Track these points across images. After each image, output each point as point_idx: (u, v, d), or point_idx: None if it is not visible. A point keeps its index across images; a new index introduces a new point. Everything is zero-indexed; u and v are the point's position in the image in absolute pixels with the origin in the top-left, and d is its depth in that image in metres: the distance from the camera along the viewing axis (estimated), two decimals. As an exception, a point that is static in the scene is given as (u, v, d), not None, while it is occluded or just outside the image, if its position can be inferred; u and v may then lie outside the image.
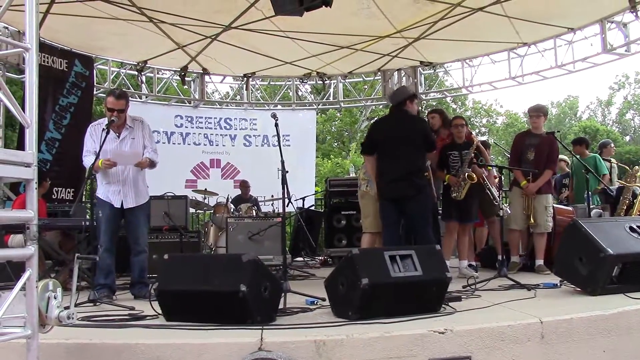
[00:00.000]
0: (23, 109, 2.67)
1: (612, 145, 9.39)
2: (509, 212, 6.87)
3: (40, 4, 7.36)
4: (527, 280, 5.47)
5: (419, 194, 5.84)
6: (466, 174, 6.51)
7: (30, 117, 2.67)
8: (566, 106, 45.20)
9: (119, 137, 5.46)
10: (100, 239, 5.30)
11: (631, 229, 4.76)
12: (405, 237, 6.16)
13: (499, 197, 6.79)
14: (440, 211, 7.11)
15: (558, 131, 7.28)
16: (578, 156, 7.92)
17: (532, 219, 6.72)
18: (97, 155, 5.15)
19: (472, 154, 6.59)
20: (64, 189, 9.15)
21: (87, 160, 5.31)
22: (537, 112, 6.99)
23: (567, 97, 45.86)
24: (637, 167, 7.64)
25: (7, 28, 8.40)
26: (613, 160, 8.80)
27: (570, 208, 7.57)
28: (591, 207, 7.37)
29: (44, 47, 9.07)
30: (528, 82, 11.31)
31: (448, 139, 6.90)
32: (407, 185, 5.82)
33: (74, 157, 5.64)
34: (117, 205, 5.42)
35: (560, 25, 9.86)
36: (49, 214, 7.15)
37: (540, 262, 6.67)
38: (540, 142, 6.83)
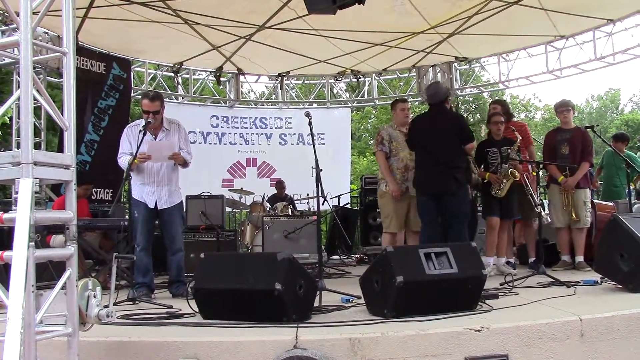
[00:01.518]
0: (62, 112, 2.74)
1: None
2: (549, 219, 6.69)
3: (78, 8, 7.53)
4: (567, 278, 5.39)
5: (458, 190, 5.87)
6: (509, 171, 6.43)
7: (68, 120, 2.74)
8: (607, 99, 44.19)
9: (155, 139, 5.54)
10: (137, 238, 5.40)
11: (674, 224, 4.64)
12: (442, 233, 6.13)
13: (537, 198, 6.67)
14: (481, 208, 7.03)
15: (597, 125, 7.14)
16: (616, 150, 7.74)
17: (574, 215, 6.59)
18: (135, 156, 5.24)
19: (512, 151, 6.51)
20: (102, 190, 9.33)
21: (123, 160, 5.42)
22: (566, 106, 6.92)
23: (608, 90, 44.84)
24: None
25: (47, 33, 8.58)
26: None
27: (611, 203, 7.40)
28: (632, 202, 7.20)
29: (83, 51, 9.25)
30: (566, 75, 11.06)
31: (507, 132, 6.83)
32: (446, 180, 5.85)
33: (112, 159, 5.73)
34: (152, 205, 5.51)
35: (599, 17, 9.63)
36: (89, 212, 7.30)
37: (580, 258, 6.55)
38: (572, 135, 6.74)
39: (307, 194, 9.94)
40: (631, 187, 7.19)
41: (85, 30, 8.68)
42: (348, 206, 11.14)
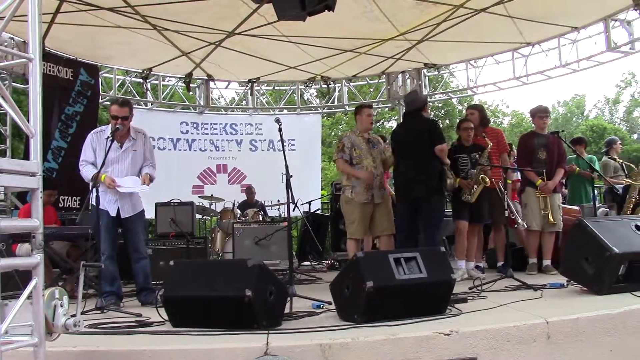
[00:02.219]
0: (28, 119, 2.70)
1: (620, 142, 9.34)
2: (525, 226, 6.78)
3: (45, 14, 7.43)
4: (534, 281, 5.47)
5: (431, 196, 6.00)
6: (480, 176, 6.51)
7: (34, 126, 2.70)
8: (573, 105, 45.07)
9: (121, 147, 5.48)
10: (102, 247, 5.34)
11: (637, 227, 4.74)
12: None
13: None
14: (451, 212, 7.11)
15: (562, 131, 7.28)
16: (578, 154, 7.90)
17: (551, 218, 6.68)
18: (103, 163, 5.19)
19: (481, 156, 6.61)
20: (70, 198, 9.19)
21: (86, 170, 5.35)
22: (545, 112, 7.03)
23: (573, 96, 45.76)
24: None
25: (12, 39, 8.45)
26: (618, 158, 8.72)
27: (576, 207, 7.54)
28: (597, 206, 7.35)
29: (50, 57, 9.12)
30: (533, 81, 11.28)
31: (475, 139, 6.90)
32: (420, 187, 6.05)
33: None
34: (113, 214, 5.45)
35: (564, 25, 9.83)
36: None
37: (547, 262, 6.65)
38: (549, 141, 6.86)
39: (278, 200, 9.96)
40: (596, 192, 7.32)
41: (53, 35, 8.57)
42: (319, 212, 11.16)
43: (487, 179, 6.52)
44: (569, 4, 9.01)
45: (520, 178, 7.54)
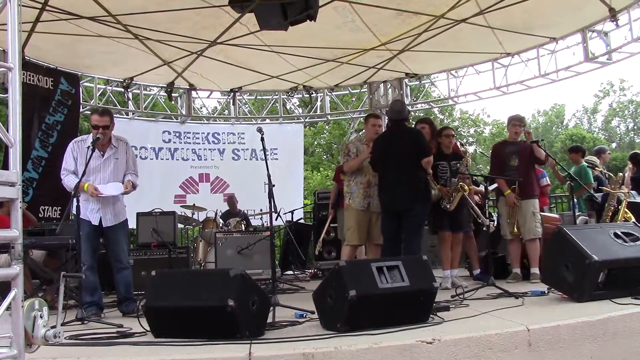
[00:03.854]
0: (7, 128, 2.67)
1: (608, 153, 9.42)
2: (491, 229, 6.85)
3: (24, 22, 7.37)
4: (515, 289, 5.52)
5: (414, 205, 6.02)
6: (458, 184, 6.57)
7: (14, 136, 2.67)
8: (553, 114, 45.64)
9: (103, 155, 5.46)
10: (82, 257, 5.28)
11: (616, 235, 4.82)
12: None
13: (483, 209, 6.84)
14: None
15: (542, 140, 7.35)
16: (565, 163, 7.99)
17: (515, 228, 6.75)
18: (84, 172, 5.15)
19: (461, 165, 6.67)
20: (50, 207, 9.09)
21: (68, 180, 5.32)
22: (520, 122, 7.12)
23: (553, 105, 46.36)
24: (620, 174, 7.69)
25: (-9, 47, 8.38)
26: (603, 168, 8.75)
27: (557, 215, 7.62)
28: (577, 214, 7.42)
29: (29, 66, 9.04)
30: (513, 91, 11.37)
31: (435, 150, 6.93)
32: (405, 198, 6.02)
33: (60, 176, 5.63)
34: (96, 223, 5.42)
35: (543, 35, 9.96)
36: (35, 232, 7.09)
37: (534, 270, 6.56)
38: (520, 148, 6.93)
39: (261, 209, 9.93)
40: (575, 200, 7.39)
41: (32, 44, 8.49)
42: (302, 221, 11.16)
43: (466, 187, 6.58)
44: (547, 15, 9.14)
45: (549, 183, 7.66)
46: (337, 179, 8.33)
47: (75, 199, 5.14)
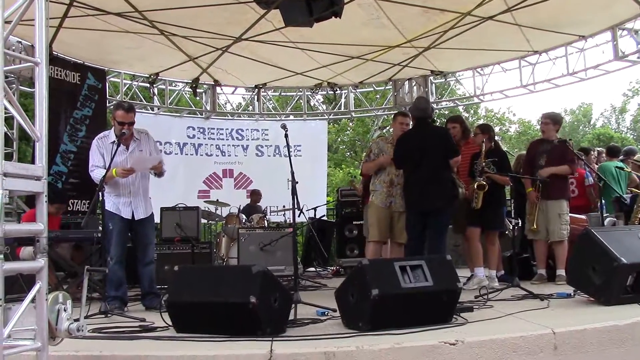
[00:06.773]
0: (34, 122, 2.70)
1: (638, 153, 9.22)
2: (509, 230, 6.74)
3: (52, 18, 7.46)
4: (540, 290, 5.42)
5: (443, 205, 5.97)
6: (476, 184, 6.45)
7: (40, 130, 2.69)
8: (580, 114, 44.93)
9: (127, 149, 5.49)
10: (111, 251, 5.31)
11: (645, 237, 4.71)
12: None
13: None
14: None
15: (570, 139, 7.22)
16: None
17: (534, 225, 6.61)
18: (108, 168, 5.18)
19: (483, 164, 6.55)
20: (79, 201, 9.20)
21: (97, 173, 5.33)
22: (546, 118, 6.95)
23: (580, 104, 45.60)
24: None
25: (20, 42, 8.49)
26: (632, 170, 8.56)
27: (584, 217, 7.48)
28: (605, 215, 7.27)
29: (57, 61, 9.15)
30: (540, 90, 11.26)
31: (465, 148, 6.82)
32: (434, 198, 5.92)
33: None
34: (127, 216, 5.45)
35: (571, 33, 9.82)
36: (62, 225, 7.17)
37: (560, 271, 6.42)
38: (552, 148, 6.77)
39: (284, 206, 9.94)
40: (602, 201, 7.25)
41: (60, 40, 8.60)
42: (324, 218, 11.15)
43: (484, 184, 6.42)
44: (577, 13, 9.00)
45: (593, 183, 7.57)
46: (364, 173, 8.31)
47: (100, 193, 5.18)
